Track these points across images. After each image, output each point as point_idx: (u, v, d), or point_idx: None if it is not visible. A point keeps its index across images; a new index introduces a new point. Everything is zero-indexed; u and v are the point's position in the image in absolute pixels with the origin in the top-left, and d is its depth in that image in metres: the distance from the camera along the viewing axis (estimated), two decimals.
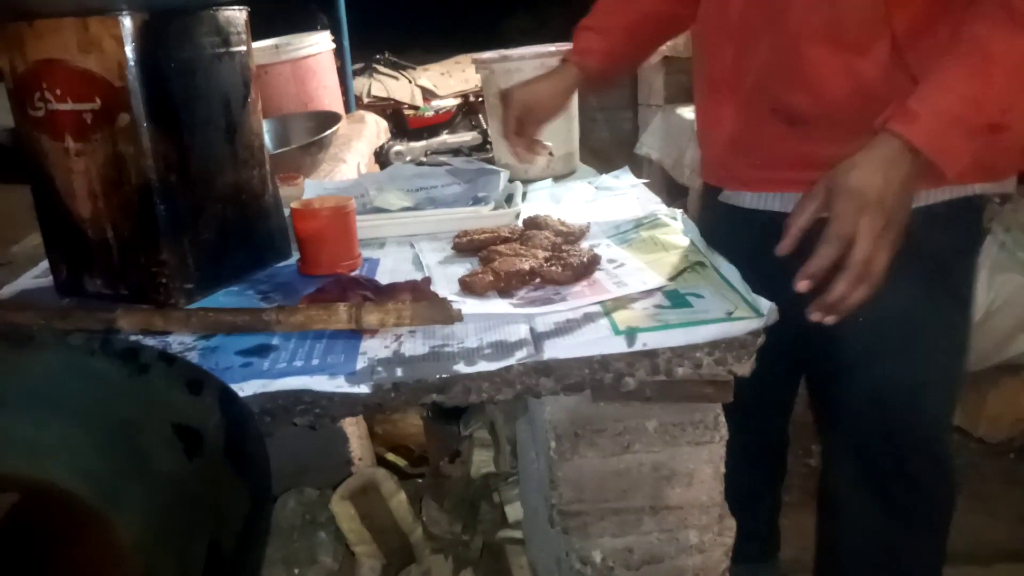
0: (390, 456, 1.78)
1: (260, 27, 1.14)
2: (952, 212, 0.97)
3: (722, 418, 0.91)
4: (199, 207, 1.00)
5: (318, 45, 2.40)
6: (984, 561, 1.74)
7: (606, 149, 3.33)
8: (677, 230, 1.15)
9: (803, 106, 1.01)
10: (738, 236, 1.07)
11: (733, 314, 0.86)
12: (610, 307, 0.92)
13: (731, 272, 0.96)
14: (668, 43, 2.99)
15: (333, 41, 2.54)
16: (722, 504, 0.95)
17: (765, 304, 0.86)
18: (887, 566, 1.21)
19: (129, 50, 0.90)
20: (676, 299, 0.92)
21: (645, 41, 1.34)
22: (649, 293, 0.94)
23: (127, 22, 0.89)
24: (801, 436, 1.78)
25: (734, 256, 0.98)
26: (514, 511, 1.30)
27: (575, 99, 1.70)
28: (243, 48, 1.05)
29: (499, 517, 1.34)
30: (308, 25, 2.69)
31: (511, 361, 0.83)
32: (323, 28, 2.65)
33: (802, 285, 0.87)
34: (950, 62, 0.87)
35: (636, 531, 0.93)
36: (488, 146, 2.39)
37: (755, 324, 0.85)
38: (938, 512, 1.21)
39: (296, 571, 1.03)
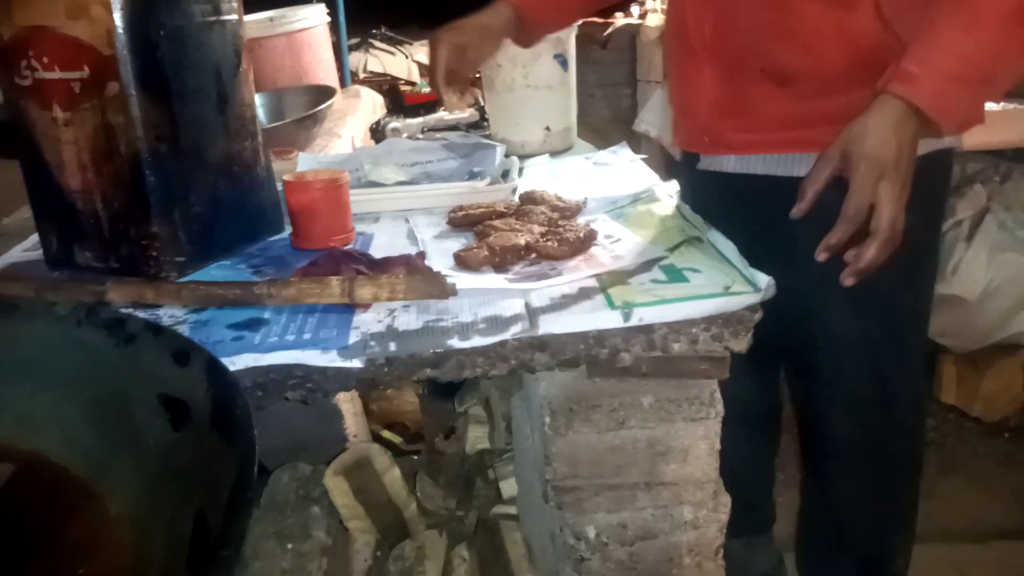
0: (385, 433, 1.78)
1: None
2: (926, 167, 0.99)
3: (718, 394, 0.90)
4: (190, 178, 0.99)
5: (313, 18, 2.37)
6: (980, 539, 1.75)
7: (604, 126, 3.31)
8: (673, 204, 1.14)
9: (794, 64, 1.02)
10: (718, 202, 1.09)
11: (730, 289, 0.86)
12: (606, 282, 0.91)
13: (728, 247, 0.95)
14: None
15: (328, 15, 2.51)
16: (717, 480, 0.94)
17: (763, 279, 0.85)
18: (878, 514, 1.24)
19: (118, 17, 0.88)
20: (673, 274, 0.91)
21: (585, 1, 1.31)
22: (646, 266, 0.94)
23: None
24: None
25: (716, 223, 0.99)
26: (508, 487, 1.30)
27: (573, 74, 1.69)
28: (234, 17, 1.03)
29: (494, 493, 1.34)
30: None
31: (506, 336, 0.82)
32: (318, 1, 2.61)
33: (822, 257, 0.90)
34: (940, 21, 0.89)
35: (631, 507, 0.93)
36: (485, 123, 2.37)
37: (752, 299, 0.84)
38: (920, 454, 1.25)
39: (290, 546, 1.03)
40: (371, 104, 2.69)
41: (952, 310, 2.05)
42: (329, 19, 2.51)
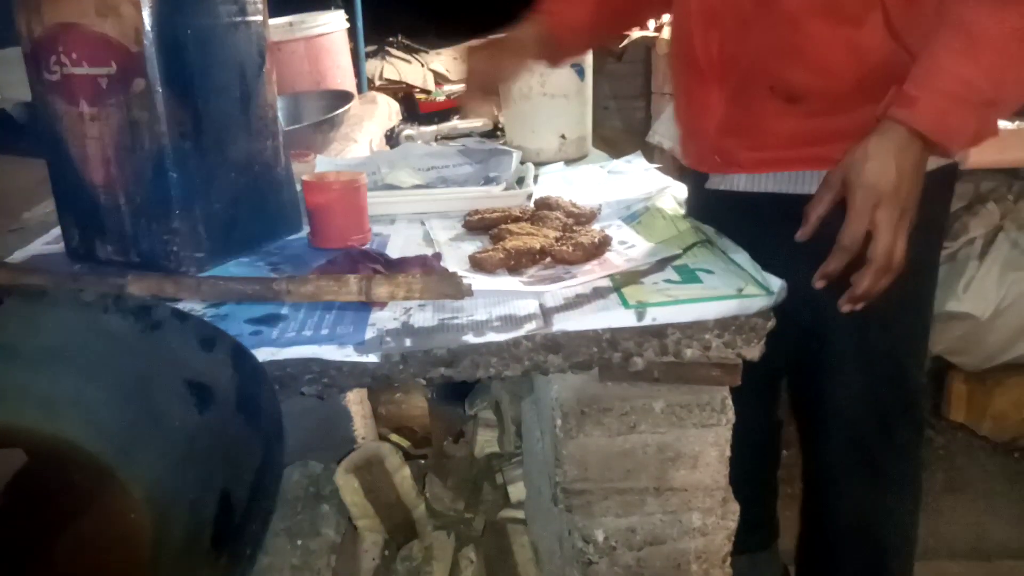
0: (394, 437, 1.78)
1: (275, 4, 1.14)
2: (930, 182, 0.96)
3: (729, 401, 0.91)
4: (212, 176, 1.00)
5: (332, 24, 2.40)
6: (986, 557, 1.75)
7: (618, 138, 3.31)
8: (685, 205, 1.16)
9: (803, 82, 1.01)
10: (730, 221, 1.08)
11: (743, 291, 0.86)
12: (620, 281, 0.92)
13: (739, 254, 0.96)
14: None
15: (347, 21, 2.54)
16: (726, 488, 0.95)
17: (775, 282, 0.86)
18: (875, 537, 1.23)
19: (146, 15, 0.90)
20: (686, 274, 0.92)
21: (616, 21, 1.32)
22: (660, 266, 0.94)
23: None
24: None
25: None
26: (517, 491, 1.30)
27: (589, 83, 1.70)
28: (259, 18, 1.04)
29: (501, 497, 1.34)
30: (322, 4, 2.68)
31: (520, 333, 0.83)
32: (337, 7, 2.64)
33: (819, 284, 0.89)
34: (940, 44, 0.88)
35: (639, 512, 0.93)
36: (499, 132, 2.38)
37: (765, 302, 0.85)
38: (918, 476, 1.24)
39: (299, 542, 1.03)
40: (387, 110, 2.71)
41: (963, 328, 2.05)
42: (348, 25, 2.54)
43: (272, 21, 1.10)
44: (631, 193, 1.31)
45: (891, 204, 0.86)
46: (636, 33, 3.29)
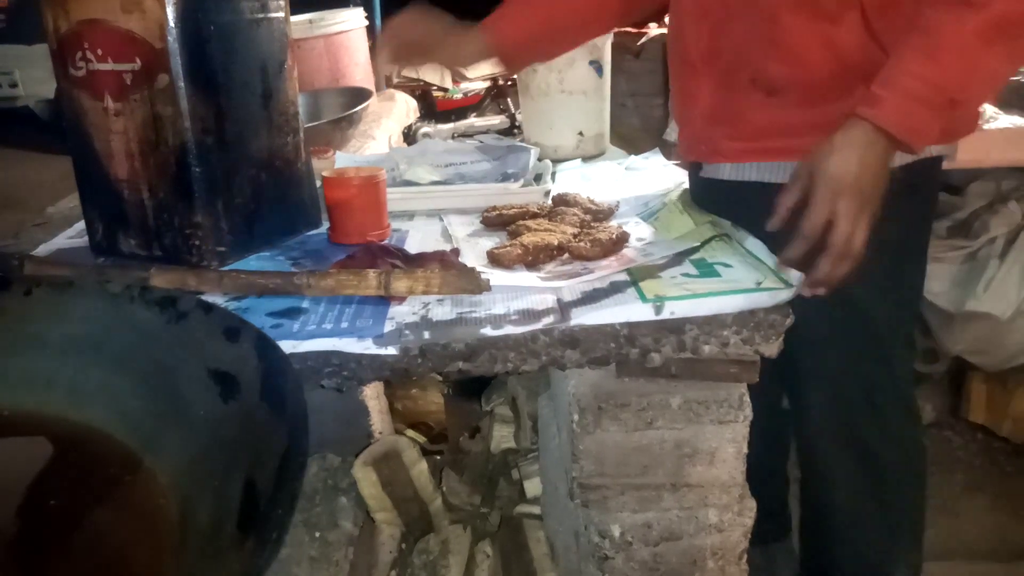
0: (410, 432, 1.79)
1: (295, 2, 1.15)
2: (908, 175, 1.02)
3: (747, 398, 0.91)
4: (234, 171, 1.01)
5: (351, 21, 2.41)
6: (1005, 559, 1.73)
7: (635, 135, 3.30)
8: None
9: (781, 75, 1.05)
10: (719, 209, 1.10)
11: (762, 284, 0.87)
12: (637, 275, 0.92)
13: (756, 246, 0.96)
14: None
15: (366, 18, 2.55)
16: (743, 484, 0.95)
17: (795, 275, 0.86)
18: (873, 521, 1.23)
19: (170, 11, 0.91)
20: (704, 268, 0.92)
21: (560, 39, 1.31)
22: (677, 259, 0.95)
23: None
24: None
25: None
26: (533, 487, 1.31)
27: (607, 81, 1.70)
28: (280, 15, 1.05)
29: (517, 493, 1.35)
30: (341, 2, 2.70)
31: (537, 326, 0.83)
32: (355, 5, 2.65)
33: (781, 267, 0.92)
34: (906, 46, 0.92)
35: (656, 507, 0.94)
36: (516, 130, 2.38)
37: (783, 294, 0.85)
38: (916, 463, 1.25)
39: (317, 534, 1.04)
40: (405, 108, 2.72)
41: (983, 328, 2.03)
42: (367, 23, 2.55)
43: (292, 18, 1.11)
44: (649, 190, 1.32)
45: (851, 195, 0.90)
46: (655, 30, 3.29)
